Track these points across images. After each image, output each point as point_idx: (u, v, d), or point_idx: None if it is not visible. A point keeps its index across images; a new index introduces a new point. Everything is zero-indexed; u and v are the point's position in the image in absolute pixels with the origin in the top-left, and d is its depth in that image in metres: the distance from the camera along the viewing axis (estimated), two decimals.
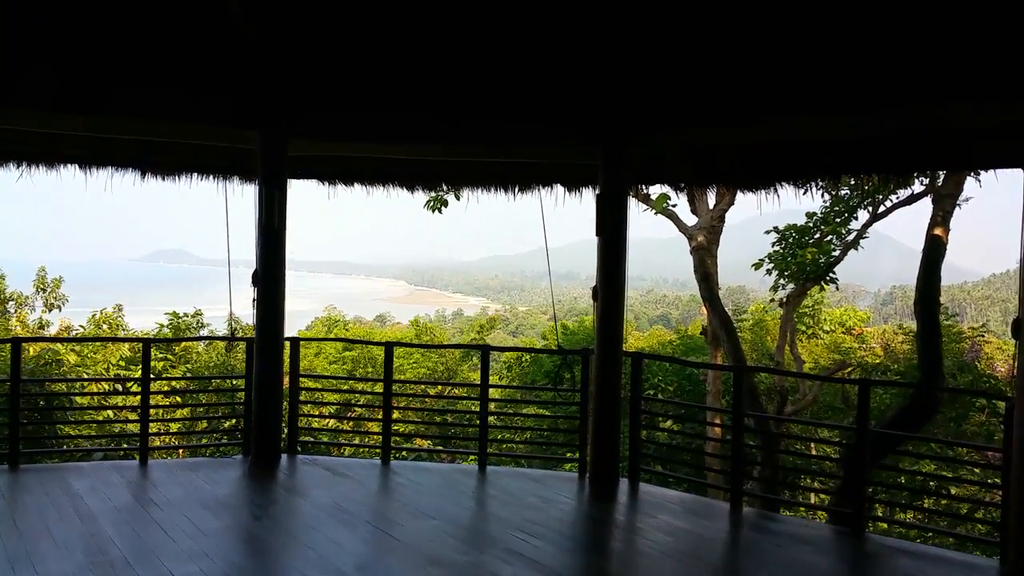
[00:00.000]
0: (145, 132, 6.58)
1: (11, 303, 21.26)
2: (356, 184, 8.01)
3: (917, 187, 10.40)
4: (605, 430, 6.42)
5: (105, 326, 17.24)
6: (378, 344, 7.26)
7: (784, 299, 10.84)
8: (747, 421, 7.35)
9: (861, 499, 5.60)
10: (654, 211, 9.72)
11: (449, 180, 8.11)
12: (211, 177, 7.73)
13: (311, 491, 5.91)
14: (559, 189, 7.67)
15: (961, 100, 4.89)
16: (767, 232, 12.09)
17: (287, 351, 6.95)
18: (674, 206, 9.80)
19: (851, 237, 10.60)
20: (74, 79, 5.98)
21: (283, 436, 6.97)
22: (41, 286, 21.97)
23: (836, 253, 10.65)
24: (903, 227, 11.00)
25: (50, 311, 21.68)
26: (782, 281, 11.93)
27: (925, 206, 9.50)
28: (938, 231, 7.44)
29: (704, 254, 9.74)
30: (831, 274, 10.53)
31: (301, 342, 7.23)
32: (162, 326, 14.06)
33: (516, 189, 7.80)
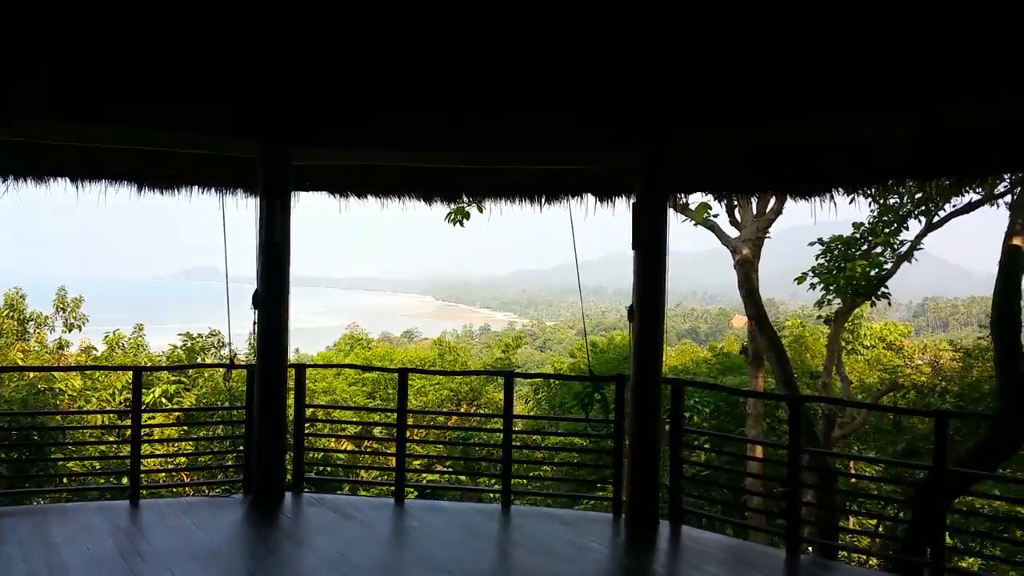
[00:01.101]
0: (138, 141, 6.06)
1: (30, 323, 21.14)
2: (369, 196, 7.44)
3: (972, 195, 9.61)
4: (642, 466, 5.70)
5: (119, 348, 16.90)
6: (391, 371, 6.63)
7: (832, 315, 10.02)
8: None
9: (939, 547, 4.83)
10: (693, 222, 9.00)
11: (469, 191, 7.50)
12: (212, 190, 7.22)
13: (315, 538, 5.28)
14: (589, 199, 7.02)
15: None
16: (811, 244, 11.33)
17: (292, 379, 6.36)
18: (715, 216, 9.07)
19: (904, 249, 9.78)
20: (65, 88, 5.51)
21: (288, 471, 6.36)
22: (61, 305, 21.84)
23: (888, 266, 9.84)
24: (931, 237, 10.19)
25: (69, 331, 21.53)
26: (828, 296, 11.14)
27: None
28: (1017, 241, 6.62)
29: (749, 268, 8.99)
30: (883, 288, 9.70)
31: (308, 369, 6.62)
32: (174, 347, 13.60)
33: (543, 199, 7.17)
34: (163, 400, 12.25)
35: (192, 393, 11.93)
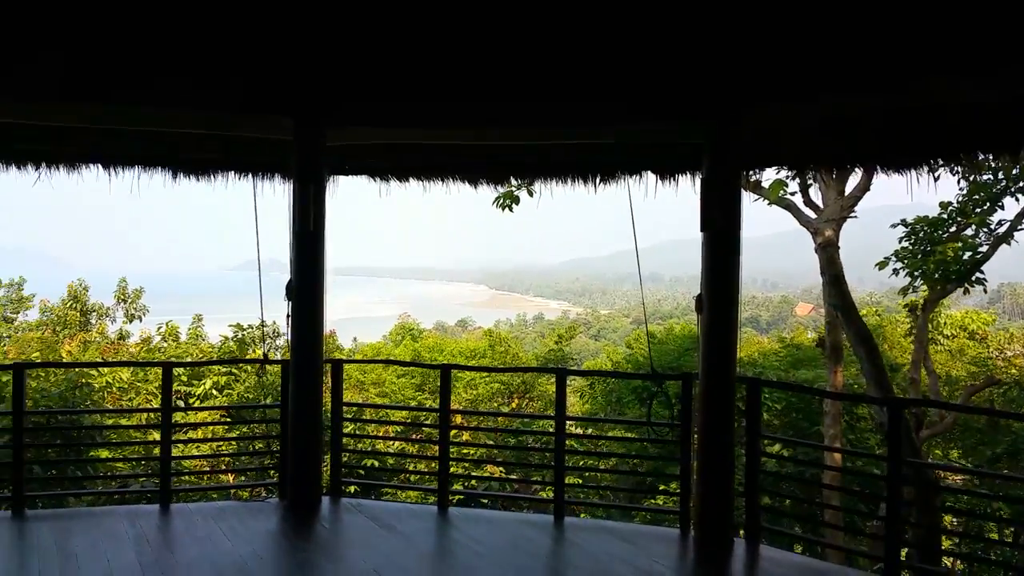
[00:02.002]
0: (162, 122, 5.68)
1: (92, 314, 21.55)
2: (411, 179, 6.94)
3: None
4: (714, 475, 5.07)
5: (172, 339, 16.93)
6: (432, 367, 6.13)
7: (917, 303, 9.07)
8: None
9: None
10: (767, 201, 8.20)
11: (517, 171, 6.91)
12: (250, 175, 6.83)
13: (349, 551, 4.83)
14: (649, 178, 6.35)
15: None
16: (893, 226, 10.37)
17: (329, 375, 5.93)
18: (792, 194, 8.23)
19: (1002, 230, 8.77)
20: (81, 64, 5.15)
21: (325, 474, 5.95)
22: (122, 297, 22.22)
23: (983, 249, 8.84)
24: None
25: (131, 322, 21.90)
26: (914, 283, 10.18)
27: None
28: None
29: (833, 252, 8.14)
30: (978, 273, 8.71)
31: (346, 365, 6.17)
32: (225, 339, 13.44)
33: (597, 179, 6.53)
34: (214, 392, 12.10)
35: (241, 385, 11.73)
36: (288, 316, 5.60)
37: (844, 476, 7.85)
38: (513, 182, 8.18)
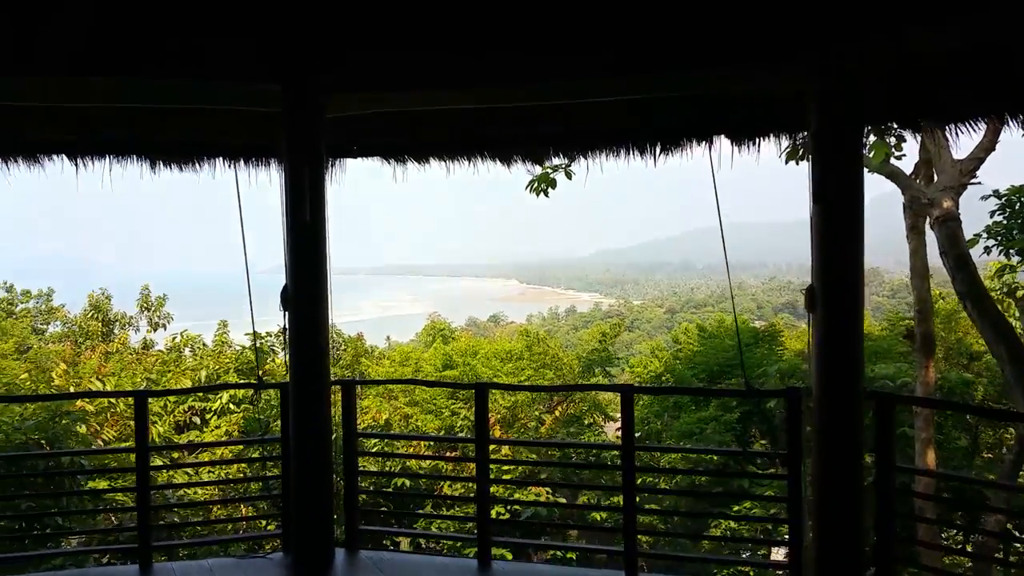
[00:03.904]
0: (125, 96, 4.64)
1: (115, 324, 20.89)
2: (432, 159, 5.83)
3: None
4: (838, 522, 3.87)
5: (197, 346, 16.07)
6: (465, 387, 5.01)
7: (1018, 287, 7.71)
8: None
9: None
10: (868, 168, 6.89)
11: (561, 144, 5.73)
12: (243, 162, 5.79)
13: None
14: (723, 143, 5.16)
15: None
16: (984, 198, 9.00)
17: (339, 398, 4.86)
18: (899, 157, 6.88)
19: None
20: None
21: (339, 520, 4.88)
22: (145, 305, 21.55)
23: None
24: None
25: (155, 330, 21.21)
26: (1012, 262, 8.84)
27: None
28: None
29: (955, 227, 6.82)
30: None
31: (359, 386, 5.08)
32: (243, 348, 12.46)
33: (656, 149, 5.35)
34: (232, 407, 11.14)
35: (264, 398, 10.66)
36: (283, 329, 4.52)
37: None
38: (552, 162, 7.08)
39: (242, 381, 9.42)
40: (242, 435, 8.84)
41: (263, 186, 5.57)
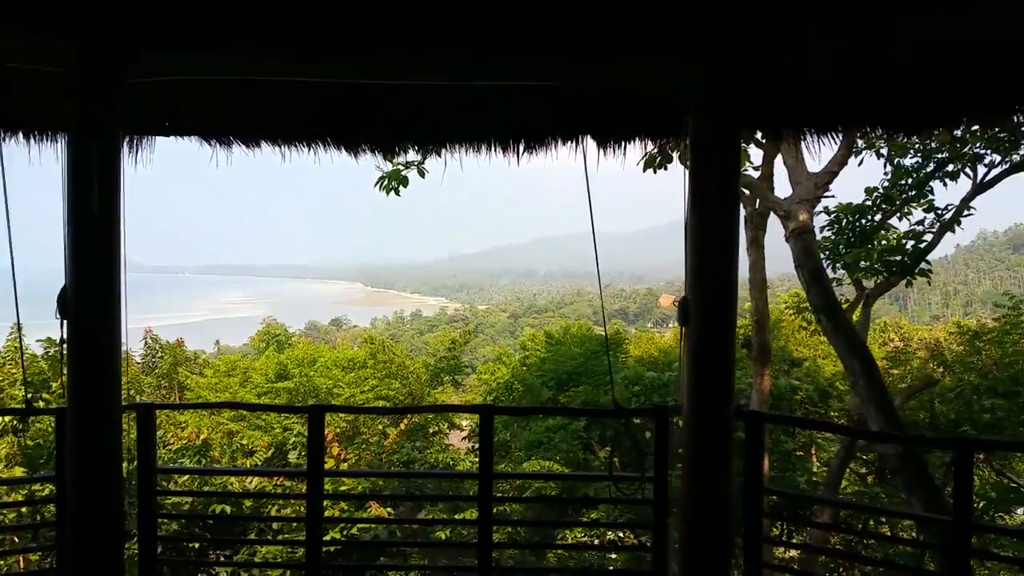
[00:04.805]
0: None
1: None
2: (263, 143, 5.05)
3: None
4: (705, 548, 3.60)
5: None
6: (297, 410, 4.26)
7: (863, 298, 8.14)
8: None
9: None
10: None
11: (409, 134, 5.15)
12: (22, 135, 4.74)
13: None
14: (589, 144, 4.84)
15: None
16: (817, 213, 9.50)
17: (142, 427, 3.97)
18: (756, 168, 6.91)
19: (949, 215, 7.97)
20: None
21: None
22: None
23: (928, 239, 8.02)
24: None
25: None
26: (839, 276, 9.35)
27: None
28: None
29: (810, 240, 6.93)
30: (924, 263, 7.85)
31: (161, 411, 4.21)
32: (35, 357, 10.68)
33: (521, 147, 4.95)
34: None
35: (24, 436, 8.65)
36: (62, 341, 3.60)
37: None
38: (405, 157, 6.50)
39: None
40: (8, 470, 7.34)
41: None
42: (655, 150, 6.31)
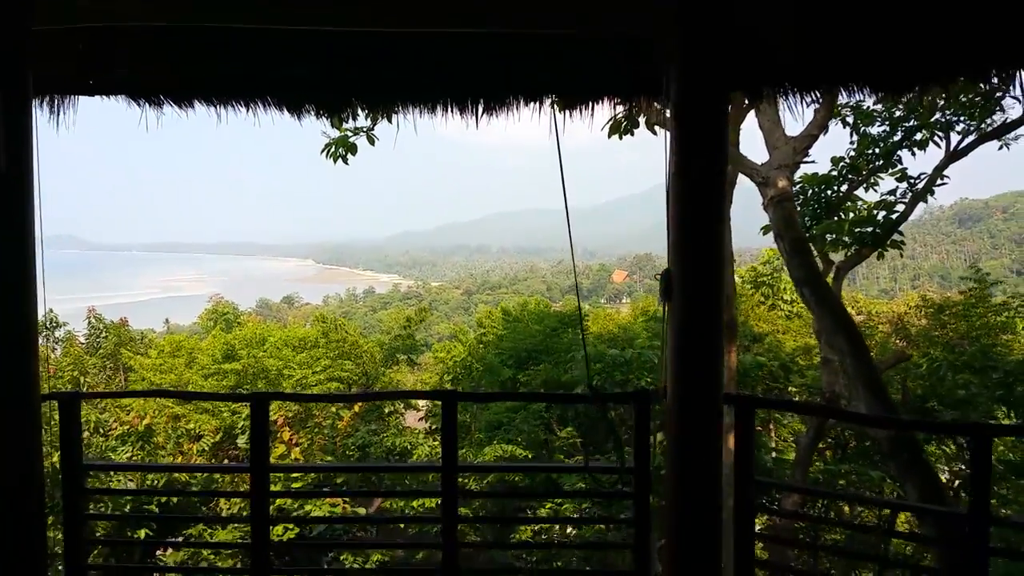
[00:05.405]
0: None
1: None
2: (197, 102, 4.57)
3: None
4: (692, 546, 3.36)
5: None
6: (241, 399, 3.87)
7: (835, 272, 7.96)
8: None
9: None
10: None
11: (357, 92, 4.71)
12: None
13: None
14: (553, 105, 4.51)
15: None
16: (798, 182, 9.33)
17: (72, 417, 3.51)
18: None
19: (920, 185, 7.85)
20: None
21: None
22: None
23: (900, 209, 7.88)
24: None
25: None
26: (822, 249, 9.19)
27: None
28: None
29: (791, 208, 6.67)
30: (897, 234, 7.70)
31: (87, 399, 3.75)
32: None
33: (480, 108, 4.58)
34: None
35: None
36: None
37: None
38: (354, 122, 6.09)
39: None
40: None
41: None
42: (623, 114, 5.99)
